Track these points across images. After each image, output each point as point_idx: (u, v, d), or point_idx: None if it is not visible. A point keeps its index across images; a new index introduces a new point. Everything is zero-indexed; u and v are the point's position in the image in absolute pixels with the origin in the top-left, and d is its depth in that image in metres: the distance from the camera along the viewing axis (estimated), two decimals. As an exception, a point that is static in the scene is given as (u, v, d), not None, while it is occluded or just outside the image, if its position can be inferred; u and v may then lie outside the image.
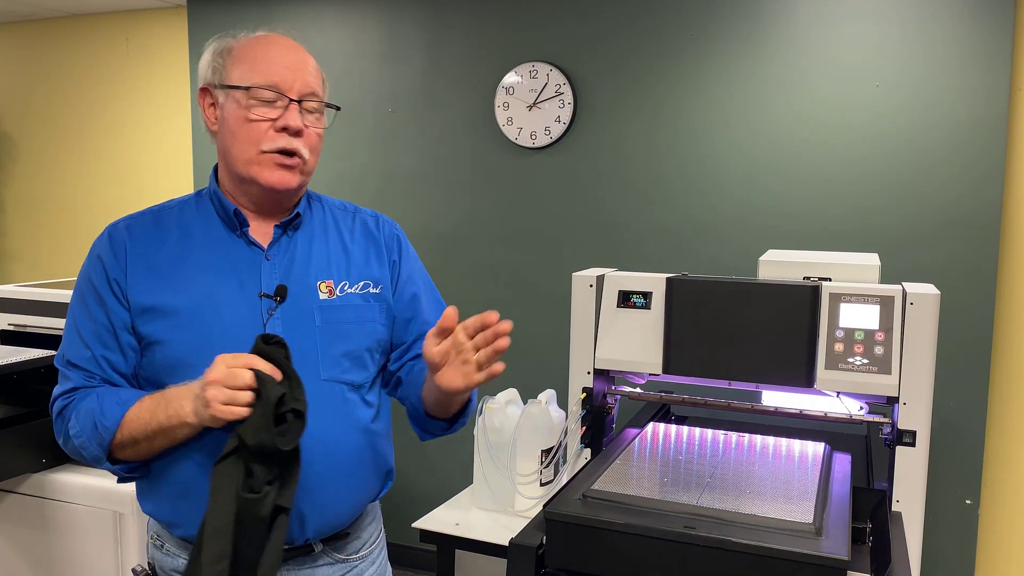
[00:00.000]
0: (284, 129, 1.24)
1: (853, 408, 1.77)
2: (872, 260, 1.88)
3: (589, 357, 1.90)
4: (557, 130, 3.08)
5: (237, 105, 1.24)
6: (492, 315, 1.16)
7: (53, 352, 2.00)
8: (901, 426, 1.64)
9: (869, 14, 2.67)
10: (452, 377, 1.18)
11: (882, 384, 1.65)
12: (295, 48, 1.29)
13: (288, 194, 1.29)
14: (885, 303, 1.67)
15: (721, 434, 1.86)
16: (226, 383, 1.11)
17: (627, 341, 1.85)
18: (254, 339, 1.17)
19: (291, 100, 1.24)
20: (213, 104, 1.28)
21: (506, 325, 1.16)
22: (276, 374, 1.14)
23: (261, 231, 1.31)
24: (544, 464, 1.98)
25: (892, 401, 1.68)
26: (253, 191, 1.28)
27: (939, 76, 2.61)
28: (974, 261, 2.60)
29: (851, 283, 1.73)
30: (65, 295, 2.10)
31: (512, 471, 2.01)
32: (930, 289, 1.69)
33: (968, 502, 2.66)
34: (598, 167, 3.07)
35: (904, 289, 1.68)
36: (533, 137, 3.12)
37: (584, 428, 1.93)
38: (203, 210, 1.32)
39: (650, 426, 1.93)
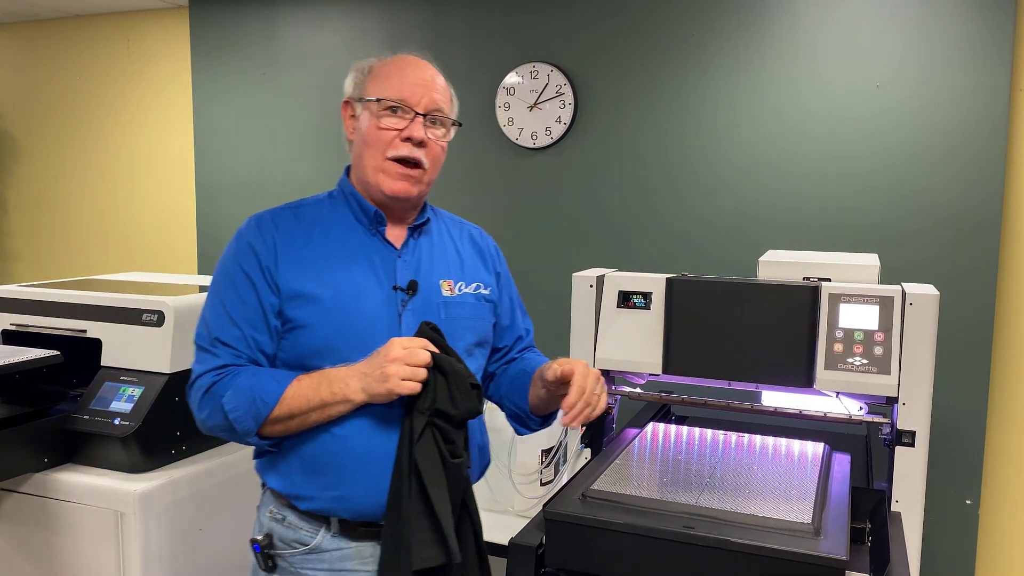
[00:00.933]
0: (408, 139, 1.38)
1: (853, 408, 1.77)
2: (871, 260, 1.89)
3: (589, 357, 1.90)
4: (558, 130, 3.08)
5: (370, 115, 1.39)
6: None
7: (55, 352, 2.01)
8: (900, 426, 1.64)
9: (869, 15, 2.68)
10: None
11: (881, 384, 1.65)
12: (426, 67, 1.43)
13: (407, 202, 1.43)
14: (884, 303, 1.67)
15: (721, 434, 1.86)
16: (407, 360, 1.25)
17: (627, 341, 1.86)
18: (391, 326, 1.35)
19: (417, 113, 1.38)
20: (353, 116, 1.43)
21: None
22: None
23: (391, 232, 1.45)
24: (544, 464, 1.99)
25: (891, 401, 1.68)
26: (378, 197, 1.42)
27: (939, 76, 2.61)
28: (975, 261, 2.60)
29: (850, 283, 1.74)
30: (66, 295, 2.11)
31: (512, 471, 2.02)
32: (929, 289, 1.69)
33: (968, 502, 2.66)
34: (599, 167, 3.07)
35: (903, 289, 1.68)
36: (534, 137, 3.12)
37: (584, 428, 1.93)
38: (338, 210, 1.45)
39: (650, 426, 1.93)
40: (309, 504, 1.35)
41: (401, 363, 1.25)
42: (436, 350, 1.28)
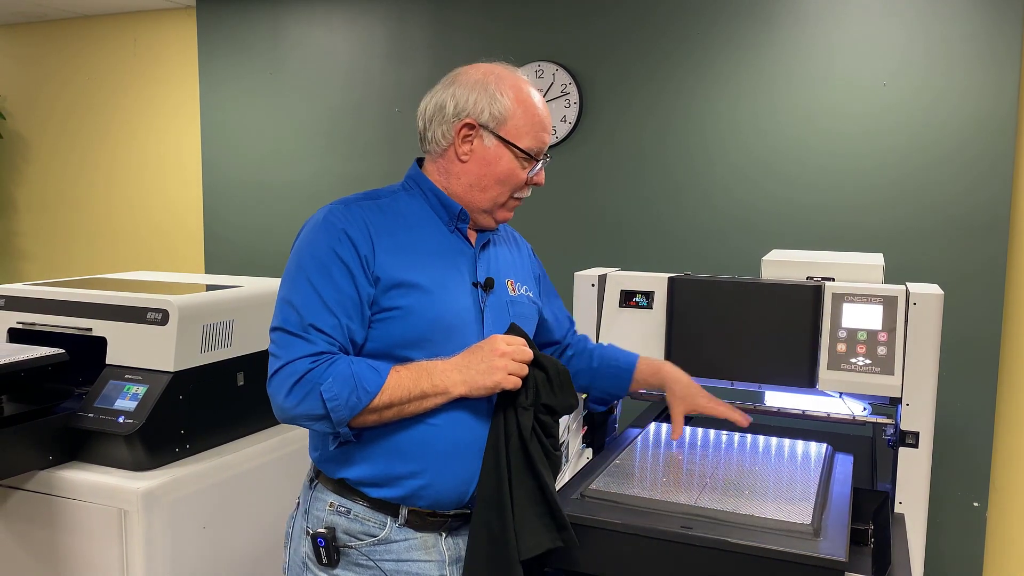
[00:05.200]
0: (534, 184, 1.46)
1: (856, 409, 1.76)
2: (876, 260, 1.87)
3: (591, 357, 1.89)
4: (563, 130, 3.08)
5: (512, 158, 1.42)
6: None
7: (60, 350, 2.02)
8: (904, 427, 1.63)
9: (876, 13, 2.66)
10: None
11: (885, 385, 1.64)
12: (546, 106, 1.48)
13: None
14: (888, 303, 1.66)
15: (723, 434, 1.85)
16: (515, 357, 1.30)
17: (629, 341, 1.85)
18: (476, 322, 1.39)
19: (544, 159, 1.45)
20: (473, 138, 1.42)
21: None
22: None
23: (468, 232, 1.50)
24: (546, 464, 1.98)
25: (895, 402, 1.66)
26: (480, 218, 1.46)
27: (947, 74, 2.59)
28: (983, 259, 2.58)
29: (854, 283, 1.72)
30: (71, 294, 2.12)
31: (514, 470, 2.01)
32: (933, 289, 1.67)
33: (975, 504, 2.64)
34: (603, 167, 3.06)
35: (907, 289, 1.66)
36: (539, 137, 3.12)
37: (586, 428, 1.93)
38: (417, 204, 1.46)
39: (652, 425, 1.93)
40: (386, 492, 1.35)
41: (509, 358, 1.29)
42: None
